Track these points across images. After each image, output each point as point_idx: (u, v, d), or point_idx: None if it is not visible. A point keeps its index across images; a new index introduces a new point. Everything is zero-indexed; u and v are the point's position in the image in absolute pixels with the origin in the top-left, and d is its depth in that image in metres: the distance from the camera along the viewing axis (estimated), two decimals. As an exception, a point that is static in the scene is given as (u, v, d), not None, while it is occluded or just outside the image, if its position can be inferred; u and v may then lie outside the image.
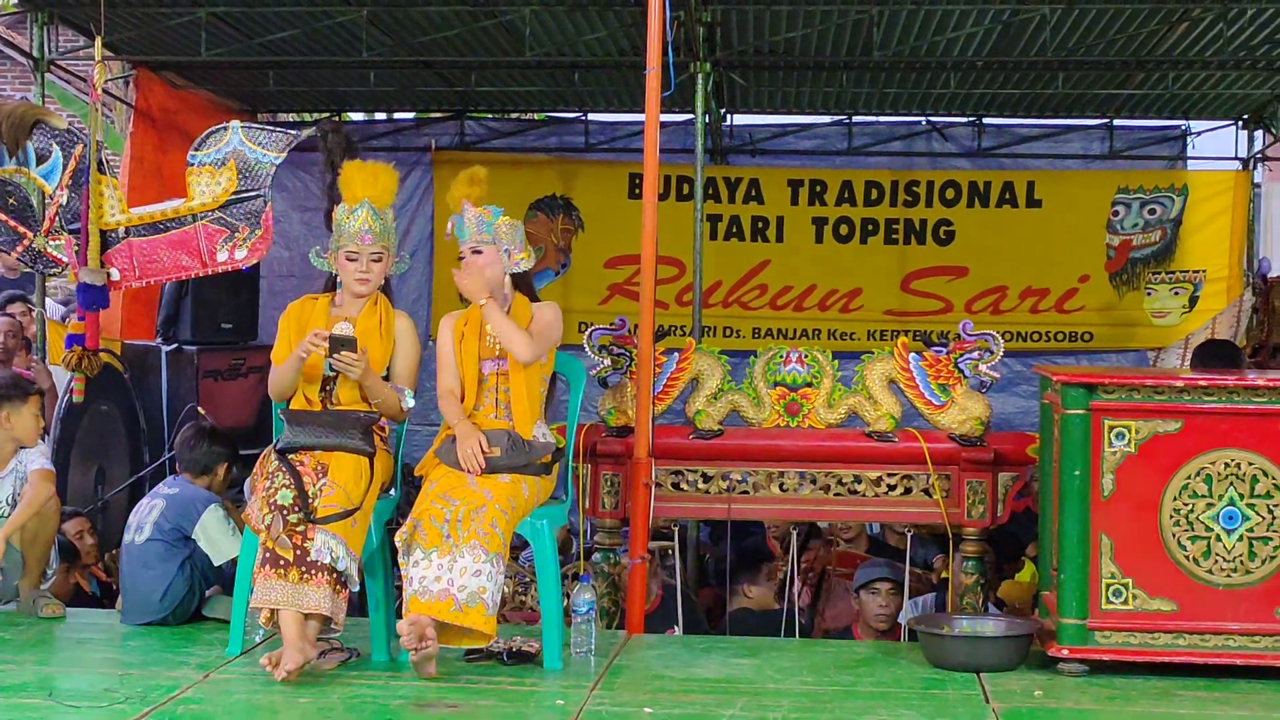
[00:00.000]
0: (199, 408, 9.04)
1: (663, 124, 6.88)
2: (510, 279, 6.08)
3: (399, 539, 5.64)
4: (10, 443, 6.67)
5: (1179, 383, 5.77)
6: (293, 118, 13.98)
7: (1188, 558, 5.69)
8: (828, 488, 6.88)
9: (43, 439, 6.86)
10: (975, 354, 6.91)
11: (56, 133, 6.98)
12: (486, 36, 10.73)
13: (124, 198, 7.07)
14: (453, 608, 5.47)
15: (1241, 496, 5.67)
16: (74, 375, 7.25)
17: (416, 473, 5.96)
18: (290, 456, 5.72)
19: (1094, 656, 5.72)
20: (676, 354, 7.04)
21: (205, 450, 6.81)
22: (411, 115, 13.70)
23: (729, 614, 7.85)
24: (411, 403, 6.01)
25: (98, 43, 7.36)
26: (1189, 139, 13.14)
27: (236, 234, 6.85)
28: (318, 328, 5.92)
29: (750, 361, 7.09)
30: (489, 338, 5.99)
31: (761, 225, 12.81)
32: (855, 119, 12.99)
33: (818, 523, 8.92)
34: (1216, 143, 13.23)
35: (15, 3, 13.93)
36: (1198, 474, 5.69)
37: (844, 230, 12.79)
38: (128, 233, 6.97)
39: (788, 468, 6.88)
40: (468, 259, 6.02)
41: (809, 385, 7.02)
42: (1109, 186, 12.70)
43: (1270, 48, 10.62)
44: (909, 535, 7.18)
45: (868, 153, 13.01)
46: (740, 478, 6.89)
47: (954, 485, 6.82)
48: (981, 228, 12.70)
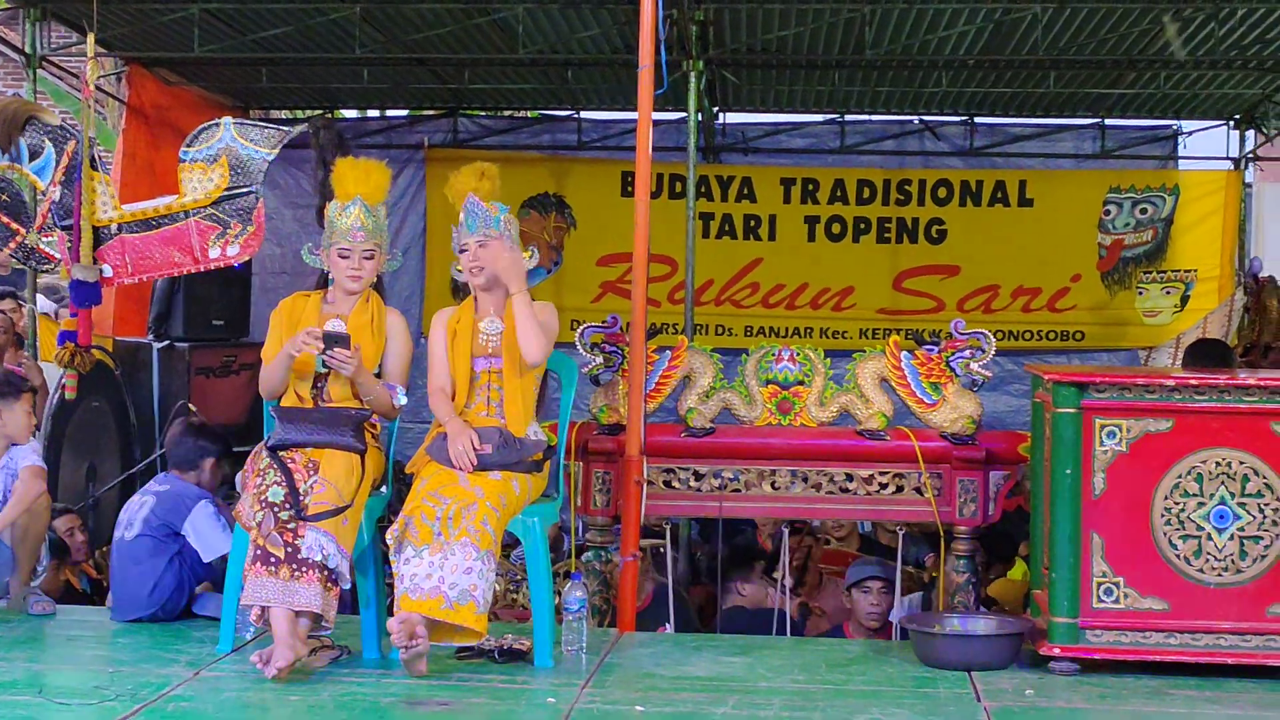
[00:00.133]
0: (189, 405, 9.05)
1: (655, 122, 6.89)
2: None
3: (390, 536, 5.62)
4: (2, 439, 6.65)
5: (1170, 382, 5.77)
6: (285, 114, 13.97)
7: (1179, 557, 5.69)
8: (819, 486, 6.88)
9: (34, 436, 6.85)
10: (967, 353, 6.91)
11: (49, 129, 6.95)
12: (480, 34, 10.74)
13: (116, 194, 7.06)
14: (444, 605, 5.46)
15: (1232, 495, 5.67)
16: (66, 372, 7.23)
17: (408, 470, 5.95)
18: (281, 454, 5.71)
19: (1085, 655, 5.72)
20: (668, 352, 7.03)
21: (190, 445, 6.80)
22: (404, 112, 13.70)
23: (721, 612, 7.85)
24: (403, 400, 6.00)
25: (90, 39, 7.35)
26: (1180, 139, 13.17)
27: (228, 230, 6.84)
28: (309, 325, 5.92)
29: (742, 360, 7.09)
30: (482, 335, 5.98)
31: (754, 223, 12.83)
32: (847, 118, 13.01)
33: (809, 521, 8.92)
34: (1208, 142, 13.27)
35: (8, -1, 13.89)
36: (1189, 473, 5.69)
37: (836, 229, 12.80)
38: (120, 229, 6.95)
39: (779, 466, 6.87)
40: (493, 245, 5.92)
41: (801, 383, 7.01)
42: (1101, 186, 12.73)
43: (1261, 47, 10.64)
44: (900, 534, 7.18)
45: (860, 151, 13.03)
46: (732, 476, 6.89)
47: (945, 484, 6.81)
48: (973, 227, 12.72)
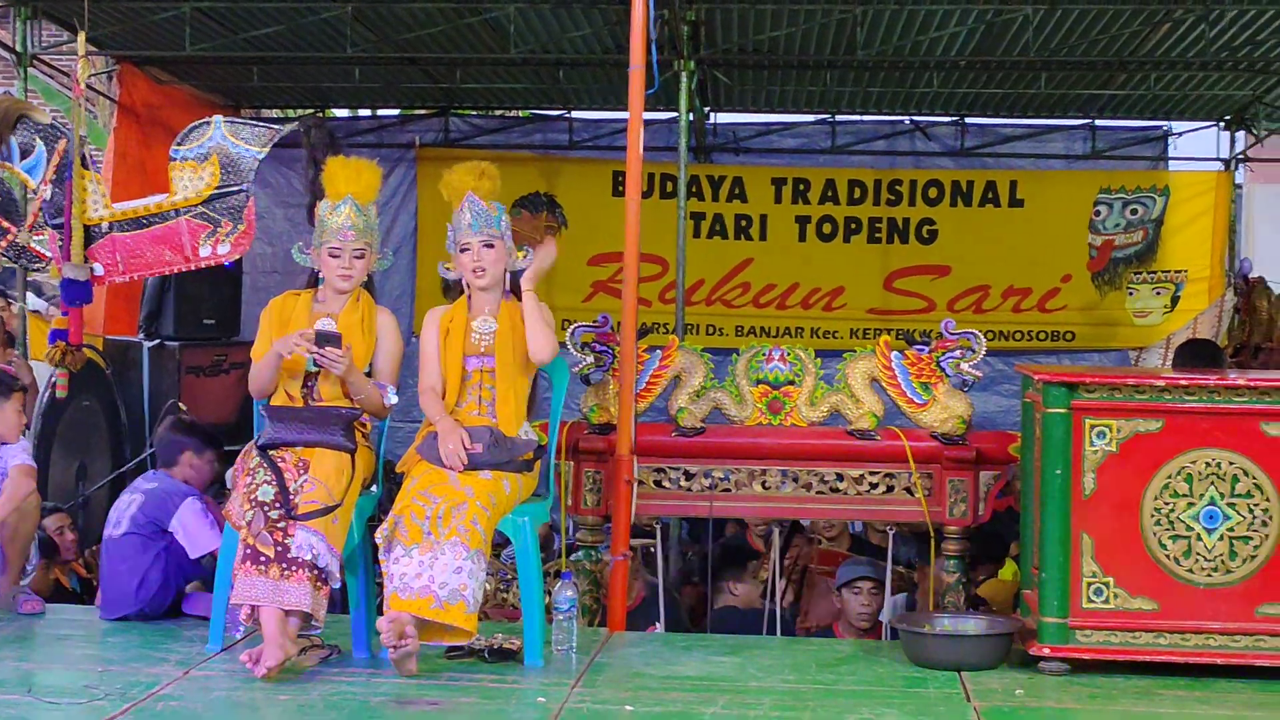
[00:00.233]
0: (180, 404, 9.04)
1: (646, 122, 6.88)
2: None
3: (379, 535, 5.62)
4: (-9, 438, 6.65)
5: (1160, 382, 5.78)
6: (277, 113, 13.97)
7: (1169, 557, 5.70)
8: (809, 486, 6.88)
9: (24, 435, 6.84)
10: (957, 353, 6.92)
11: (40, 128, 6.94)
12: (471, 33, 10.74)
13: (107, 192, 7.05)
14: (433, 605, 5.46)
15: (1222, 496, 5.68)
16: (57, 370, 7.23)
17: (398, 469, 5.95)
18: (272, 453, 5.70)
19: (1075, 655, 5.73)
20: (659, 352, 7.04)
21: (168, 440, 6.82)
22: (396, 112, 13.68)
23: (714, 611, 7.85)
24: (394, 399, 6.00)
25: (81, 37, 7.33)
26: (1171, 140, 13.19)
27: (219, 229, 6.83)
28: (300, 324, 5.92)
29: (733, 359, 7.09)
30: (475, 334, 5.98)
31: (745, 223, 12.82)
32: (839, 118, 13.01)
33: (800, 520, 8.93)
34: (1198, 143, 13.29)
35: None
36: (1179, 473, 5.69)
37: (827, 229, 12.80)
38: (111, 228, 6.94)
39: (770, 466, 6.88)
40: (498, 246, 5.98)
41: (791, 383, 7.02)
42: (1091, 186, 12.74)
43: (1251, 49, 10.65)
44: (891, 534, 7.18)
45: (851, 151, 13.03)
46: (722, 475, 6.89)
47: (936, 484, 6.82)
48: (964, 227, 12.72)
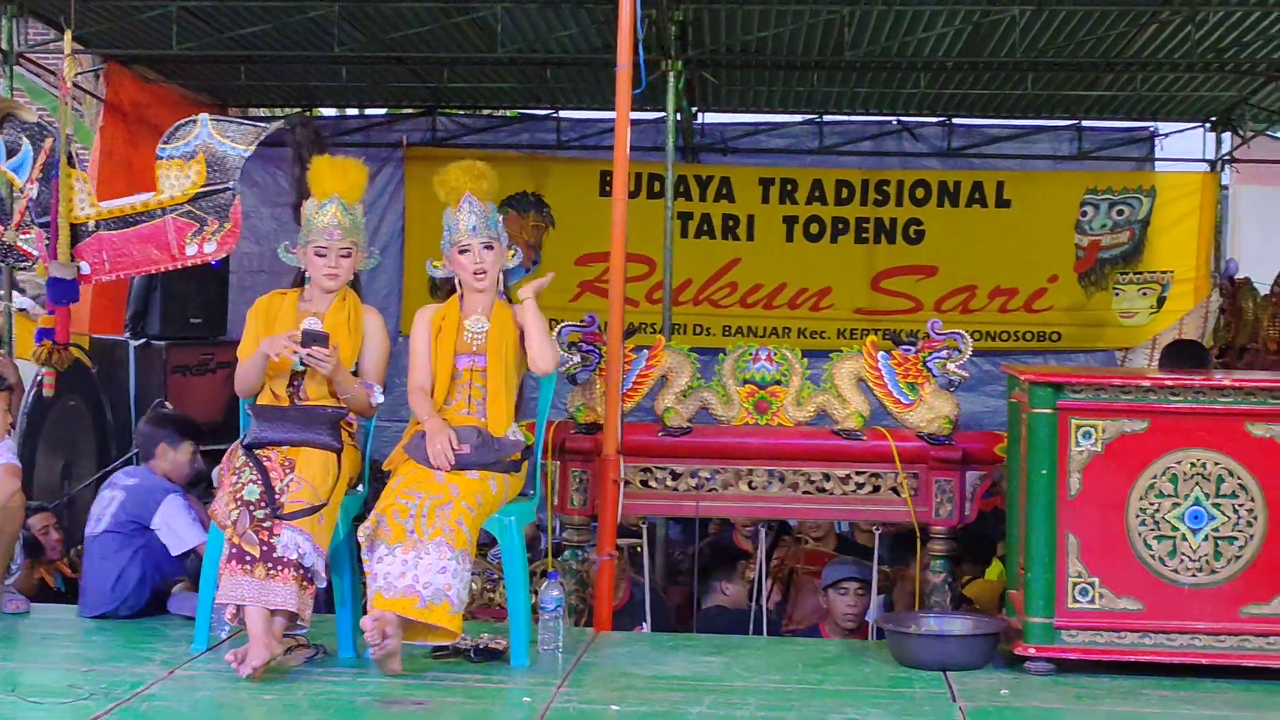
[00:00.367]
0: (165, 402, 9.01)
1: (634, 122, 6.88)
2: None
3: (361, 533, 5.61)
4: (-24, 437, 6.63)
5: (1146, 383, 5.79)
6: (264, 112, 13.93)
7: (1154, 557, 5.71)
8: (796, 485, 6.89)
9: (9, 434, 6.82)
10: (944, 353, 6.93)
11: (26, 126, 6.92)
12: (458, 33, 10.73)
13: (94, 191, 7.03)
14: (418, 604, 5.45)
15: (1207, 496, 5.69)
16: (44, 369, 7.21)
17: (385, 468, 5.94)
18: (257, 452, 5.69)
19: (1060, 655, 5.74)
20: (646, 351, 7.04)
21: (144, 433, 6.83)
22: (383, 111, 13.67)
23: (702, 611, 7.85)
24: (380, 399, 5.99)
25: (67, 36, 7.31)
26: (1157, 140, 13.20)
27: (205, 227, 6.82)
28: (286, 323, 5.91)
29: (720, 359, 7.09)
30: (467, 333, 5.98)
31: (732, 223, 12.83)
32: (826, 118, 13.01)
33: (787, 521, 8.93)
34: (1185, 144, 13.29)
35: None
36: (1164, 473, 5.70)
37: (814, 229, 12.81)
38: (98, 226, 6.92)
39: (756, 465, 6.88)
40: (497, 248, 6.06)
41: (778, 383, 7.02)
42: (1078, 187, 12.75)
43: (1238, 50, 10.67)
44: (877, 534, 7.18)
45: (838, 152, 13.02)
46: (709, 475, 6.90)
47: (922, 484, 6.82)
48: (951, 227, 12.73)
